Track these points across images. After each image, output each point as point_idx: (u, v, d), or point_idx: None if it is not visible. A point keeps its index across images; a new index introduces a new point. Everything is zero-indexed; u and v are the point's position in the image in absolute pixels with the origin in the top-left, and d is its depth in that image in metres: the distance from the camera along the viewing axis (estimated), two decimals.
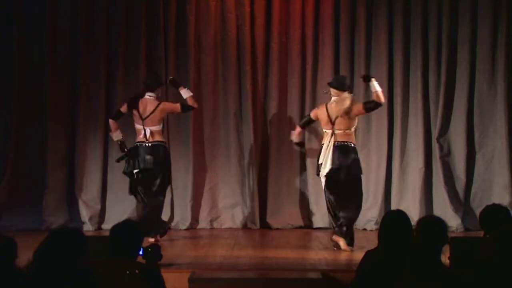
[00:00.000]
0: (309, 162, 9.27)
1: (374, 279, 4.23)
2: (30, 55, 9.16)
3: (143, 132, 7.88)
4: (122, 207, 9.10)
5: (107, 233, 4.31)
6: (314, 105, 9.31)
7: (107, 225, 8.88)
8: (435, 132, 9.21)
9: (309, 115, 7.98)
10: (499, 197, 8.81)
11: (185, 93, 8.04)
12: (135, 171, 7.88)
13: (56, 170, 9.12)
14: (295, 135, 8.05)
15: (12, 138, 9.06)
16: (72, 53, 9.19)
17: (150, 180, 7.90)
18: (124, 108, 8.03)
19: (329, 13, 9.31)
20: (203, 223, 9.33)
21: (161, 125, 8.03)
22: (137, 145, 7.93)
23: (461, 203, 9.13)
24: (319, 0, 9.33)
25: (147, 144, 7.88)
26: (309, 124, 8.12)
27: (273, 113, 9.38)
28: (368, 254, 4.53)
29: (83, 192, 9.16)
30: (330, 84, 7.63)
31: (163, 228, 8.00)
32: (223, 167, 9.35)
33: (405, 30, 9.24)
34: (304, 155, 9.29)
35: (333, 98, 7.54)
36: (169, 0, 9.23)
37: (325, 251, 7.51)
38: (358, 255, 4.81)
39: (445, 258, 4.49)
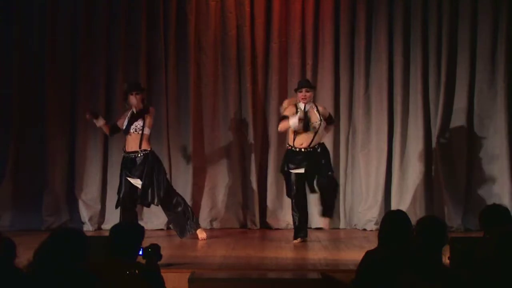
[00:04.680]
0: None
1: (374, 279, 4.24)
2: (30, 55, 9.15)
3: None
4: None
5: (107, 233, 4.31)
6: None
7: (107, 225, 8.87)
8: (435, 132, 9.21)
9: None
10: (499, 197, 8.82)
11: None
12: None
13: (56, 170, 9.11)
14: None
15: (12, 139, 9.05)
16: (72, 53, 9.18)
17: None
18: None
19: (329, 13, 9.31)
20: (203, 223, 9.29)
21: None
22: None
23: (461, 203, 9.12)
24: (319, 0, 9.33)
25: None
26: None
27: (273, 113, 9.36)
28: (368, 254, 4.53)
29: (83, 192, 9.16)
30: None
31: None
32: (223, 167, 9.34)
33: (405, 30, 9.24)
34: None
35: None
36: (169, 0, 9.23)
37: (325, 251, 7.51)
38: (358, 255, 4.80)
39: (445, 258, 4.49)
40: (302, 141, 7.91)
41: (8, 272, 3.83)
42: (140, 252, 4.25)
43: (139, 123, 7.94)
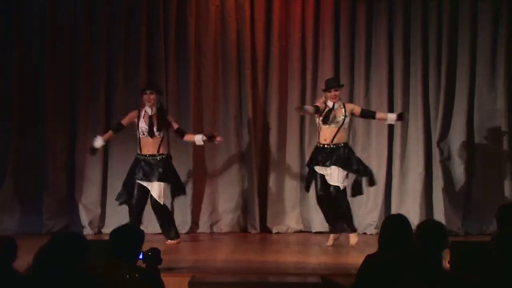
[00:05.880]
0: None
1: (374, 283, 4.23)
2: (30, 55, 9.15)
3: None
4: (122, 211, 9.09)
5: (107, 238, 4.30)
6: None
7: (107, 229, 8.87)
8: (435, 136, 9.21)
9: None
10: (499, 201, 8.79)
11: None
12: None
13: (56, 174, 9.11)
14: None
15: (12, 142, 9.05)
16: (72, 56, 9.19)
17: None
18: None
19: (329, 16, 9.31)
20: (203, 227, 9.32)
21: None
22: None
23: (461, 207, 9.12)
24: (319, 4, 9.34)
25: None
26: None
27: (273, 117, 9.37)
28: (368, 258, 4.52)
29: (83, 196, 9.15)
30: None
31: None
32: (223, 171, 9.34)
33: (405, 34, 9.25)
34: (304, 160, 9.31)
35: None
36: (169, 3, 9.23)
37: (325, 255, 7.51)
38: (358, 259, 4.80)
39: (445, 262, 4.49)
40: (326, 137, 7.95)
41: (7, 273, 3.83)
42: (140, 256, 4.24)
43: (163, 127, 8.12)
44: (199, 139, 8.25)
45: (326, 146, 7.91)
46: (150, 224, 9.00)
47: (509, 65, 9.13)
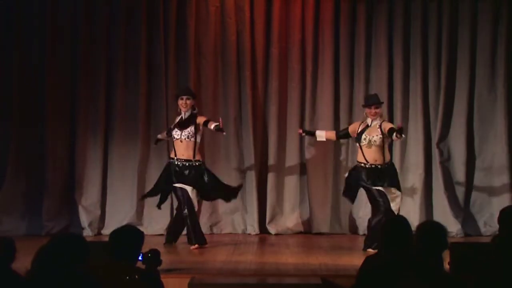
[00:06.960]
0: (309, 168, 9.26)
1: (374, 284, 4.23)
2: (30, 55, 9.14)
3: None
4: (122, 212, 9.10)
5: (107, 239, 4.30)
6: (314, 110, 9.33)
7: (107, 231, 8.85)
8: (435, 137, 9.21)
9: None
10: (499, 202, 8.80)
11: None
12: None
13: (56, 174, 9.10)
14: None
15: (12, 142, 9.04)
16: (72, 56, 9.18)
17: None
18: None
19: (329, 18, 9.31)
20: (203, 228, 9.22)
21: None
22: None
23: (461, 209, 9.12)
24: (319, 5, 9.33)
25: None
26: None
27: (273, 118, 9.36)
28: (369, 259, 4.53)
29: (83, 197, 9.14)
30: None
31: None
32: (223, 172, 9.31)
33: (405, 35, 9.24)
34: (304, 161, 9.31)
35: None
36: (169, 4, 9.23)
37: (325, 256, 7.50)
38: (359, 260, 4.80)
39: (445, 264, 4.49)
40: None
41: (6, 274, 3.83)
42: (140, 257, 4.24)
43: (191, 130, 7.96)
44: (211, 127, 8.03)
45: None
46: (150, 225, 9.01)
47: (509, 65, 9.13)
